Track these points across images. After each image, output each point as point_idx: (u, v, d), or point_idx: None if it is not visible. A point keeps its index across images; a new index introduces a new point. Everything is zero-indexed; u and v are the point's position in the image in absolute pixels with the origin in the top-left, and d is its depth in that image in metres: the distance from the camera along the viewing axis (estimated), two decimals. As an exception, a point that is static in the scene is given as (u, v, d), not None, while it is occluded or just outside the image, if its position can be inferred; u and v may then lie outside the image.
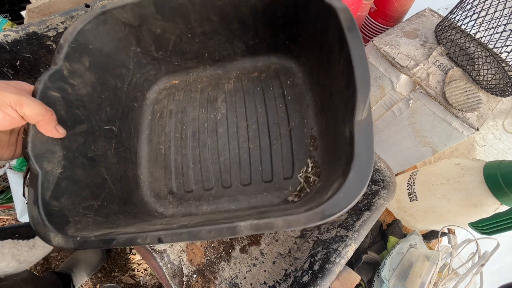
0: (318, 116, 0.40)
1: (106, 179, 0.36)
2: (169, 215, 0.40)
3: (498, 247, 0.42)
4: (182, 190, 0.42)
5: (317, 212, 0.22)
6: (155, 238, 0.24)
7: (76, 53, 0.35)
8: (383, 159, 0.45)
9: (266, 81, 0.45)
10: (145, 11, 0.38)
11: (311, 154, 0.39)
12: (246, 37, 0.43)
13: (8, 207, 0.75)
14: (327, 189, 0.28)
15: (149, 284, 0.94)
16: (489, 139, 0.62)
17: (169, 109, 0.47)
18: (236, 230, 0.23)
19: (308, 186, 0.37)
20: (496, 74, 0.44)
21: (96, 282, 0.93)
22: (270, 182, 0.40)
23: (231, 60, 0.47)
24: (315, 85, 0.41)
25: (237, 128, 0.43)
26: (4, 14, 0.77)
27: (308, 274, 0.41)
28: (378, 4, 0.59)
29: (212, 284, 0.43)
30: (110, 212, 0.34)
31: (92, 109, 0.36)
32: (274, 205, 0.38)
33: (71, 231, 0.28)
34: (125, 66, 0.42)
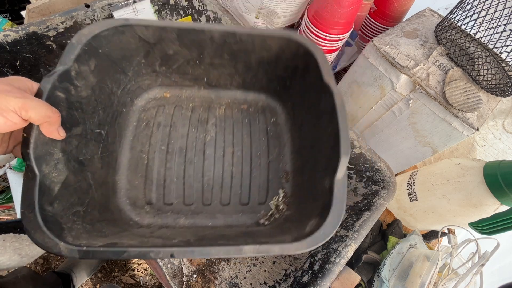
0: (292, 155, 0.47)
1: (91, 185, 0.36)
2: (144, 224, 0.41)
3: (498, 247, 0.42)
4: (162, 202, 0.43)
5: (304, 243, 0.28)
6: (168, 254, 0.27)
7: (86, 55, 0.35)
8: (383, 159, 0.45)
9: (253, 115, 0.51)
10: (166, 35, 0.40)
11: (283, 186, 0.45)
12: (246, 75, 0.48)
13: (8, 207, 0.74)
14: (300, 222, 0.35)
15: (149, 284, 0.94)
16: (489, 139, 0.62)
17: (157, 120, 0.48)
18: (242, 252, 0.28)
19: (278, 213, 0.43)
20: (496, 74, 0.44)
21: (96, 282, 0.93)
22: (246, 205, 0.44)
23: (226, 88, 0.50)
24: (295, 130, 0.48)
25: (224, 152, 0.47)
26: (4, 14, 0.77)
27: (308, 274, 0.41)
28: (378, 4, 0.59)
29: (212, 284, 0.43)
30: (93, 219, 0.34)
31: (88, 112, 0.36)
32: (247, 225, 0.42)
33: (68, 239, 0.28)
34: (125, 72, 0.43)
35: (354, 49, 0.64)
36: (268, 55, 0.44)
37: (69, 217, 0.31)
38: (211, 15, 0.61)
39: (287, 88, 0.49)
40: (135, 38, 0.40)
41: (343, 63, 0.64)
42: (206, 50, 0.43)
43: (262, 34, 0.41)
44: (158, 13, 0.62)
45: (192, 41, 0.41)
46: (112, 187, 0.41)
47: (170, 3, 0.63)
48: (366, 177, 0.47)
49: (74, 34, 0.51)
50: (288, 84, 0.48)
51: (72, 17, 0.51)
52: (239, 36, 0.41)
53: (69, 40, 0.52)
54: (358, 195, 0.47)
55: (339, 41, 0.51)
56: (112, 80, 0.41)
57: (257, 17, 0.58)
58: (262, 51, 0.43)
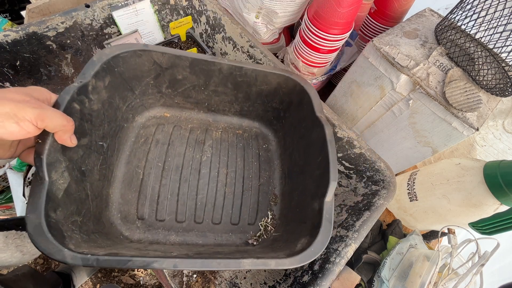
0: (281, 179, 0.51)
1: (88, 195, 0.37)
2: (135, 240, 0.41)
3: (498, 247, 0.42)
4: (154, 218, 0.44)
5: (297, 259, 0.31)
6: (171, 264, 0.28)
7: (104, 72, 0.38)
8: (383, 159, 0.45)
9: (247, 140, 0.55)
10: (179, 62, 0.44)
11: (271, 208, 0.49)
12: (244, 104, 0.53)
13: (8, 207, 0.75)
14: (289, 242, 0.38)
15: (149, 284, 0.94)
16: (489, 139, 0.62)
17: (156, 138, 0.49)
18: (240, 264, 0.30)
19: (265, 234, 0.46)
20: (496, 74, 0.44)
21: (96, 282, 0.93)
22: (236, 224, 0.47)
23: (224, 114, 0.55)
24: (285, 156, 0.53)
25: (218, 173, 0.50)
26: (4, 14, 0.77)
27: (308, 274, 0.41)
28: (378, 4, 0.59)
29: (212, 284, 0.43)
30: (88, 230, 0.34)
31: (96, 124, 0.38)
32: (236, 245, 0.45)
33: (71, 246, 0.28)
34: (132, 90, 0.46)
35: (354, 49, 0.64)
36: (267, 89, 0.49)
37: (68, 225, 0.31)
38: (211, 15, 0.61)
39: (281, 118, 0.54)
40: (150, 61, 0.43)
41: (343, 63, 0.64)
42: (213, 79, 0.47)
43: (264, 70, 0.46)
44: (158, 13, 0.62)
45: (202, 70, 0.45)
46: (105, 200, 0.42)
47: (170, 3, 0.63)
48: (366, 177, 0.47)
49: (74, 34, 0.52)
50: (282, 115, 0.53)
51: (72, 17, 0.51)
52: (244, 70, 0.46)
53: (69, 40, 0.53)
54: (358, 195, 0.47)
55: (339, 41, 0.51)
56: (120, 97, 0.44)
57: (257, 17, 0.58)
58: (263, 85, 0.48)
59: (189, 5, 0.64)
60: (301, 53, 0.56)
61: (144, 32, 0.58)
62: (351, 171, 0.49)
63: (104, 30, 0.56)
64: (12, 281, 0.57)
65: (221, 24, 0.60)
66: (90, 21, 0.53)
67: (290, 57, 0.60)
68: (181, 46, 0.62)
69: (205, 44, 0.65)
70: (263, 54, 0.54)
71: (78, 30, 0.53)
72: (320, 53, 0.53)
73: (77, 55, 0.55)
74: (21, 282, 0.59)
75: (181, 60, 0.43)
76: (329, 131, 0.40)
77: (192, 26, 0.65)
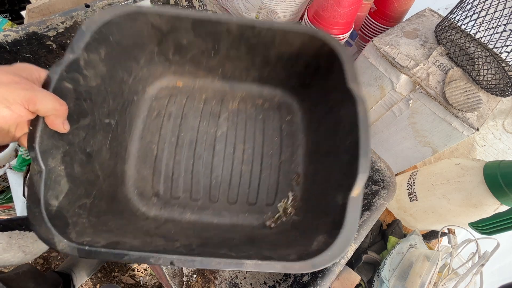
0: (306, 157, 0.45)
1: (98, 176, 0.36)
2: (151, 216, 0.40)
3: (498, 247, 0.42)
4: (169, 195, 0.42)
5: (309, 264, 0.27)
6: (168, 261, 0.27)
7: (96, 43, 0.33)
8: (383, 159, 0.45)
9: (268, 111, 0.48)
10: (180, 25, 0.38)
11: (293, 188, 0.44)
12: (263, 70, 0.45)
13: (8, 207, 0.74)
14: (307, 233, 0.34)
15: (149, 284, 0.94)
16: (489, 139, 0.62)
17: (168, 111, 0.46)
18: (242, 266, 0.27)
19: (285, 216, 0.42)
20: (496, 74, 0.44)
21: (96, 282, 0.93)
22: (253, 205, 0.43)
23: (241, 81, 0.48)
24: (311, 131, 0.45)
25: (234, 149, 0.45)
26: (4, 14, 0.77)
27: (308, 274, 0.41)
28: (378, 4, 0.59)
29: (212, 284, 0.43)
30: (100, 211, 0.34)
31: (98, 102, 0.35)
32: (253, 226, 0.41)
33: (72, 235, 0.28)
34: (137, 60, 0.41)
35: (354, 49, 0.64)
36: (288, 51, 0.41)
37: (75, 210, 0.30)
38: (211, 15, 0.61)
39: (306, 86, 0.46)
40: (148, 26, 0.38)
41: (343, 63, 0.64)
42: (222, 42, 0.41)
43: (283, 29, 0.38)
44: (158, 13, 0.62)
45: (207, 32, 0.39)
46: (120, 177, 0.41)
47: (170, 3, 0.63)
48: (366, 177, 0.46)
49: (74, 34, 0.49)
50: (308, 82, 0.45)
51: (72, 17, 0.51)
52: (258, 30, 0.39)
53: (69, 40, 0.52)
54: (358, 195, 0.47)
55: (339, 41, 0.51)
56: (123, 69, 0.39)
57: (257, 17, 0.58)
58: (282, 46, 0.41)
59: (189, 5, 0.64)
60: (301, 53, 0.56)
61: (144, 32, 0.58)
62: (351, 171, 0.48)
63: (104, 30, 0.56)
64: (12, 279, 0.57)
65: (221, 24, 0.60)
66: (90, 21, 0.53)
67: (290, 57, 0.60)
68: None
69: (205, 44, 0.64)
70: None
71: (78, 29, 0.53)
72: (320, 53, 0.53)
73: (77, 55, 0.55)
74: (22, 280, 0.59)
75: (181, 21, 0.38)
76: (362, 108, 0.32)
77: (192, 26, 0.65)
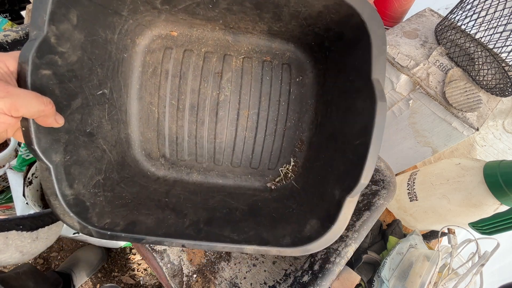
0: (312, 125, 0.43)
1: (105, 150, 0.36)
2: (160, 176, 0.43)
3: (498, 247, 0.42)
4: (175, 157, 0.44)
5: (301, 249, 0.31)
6: (180, 244, 0.31)
7: (62, 8, 0.27)
8: (383, 159, 0.45)
9: (276, 71, 0.43)
10: None
11: (295, 154, 0.44)
12: (273, 24, 0.38)
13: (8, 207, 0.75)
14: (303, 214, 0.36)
15: (149, 284, 0.94)
16: (489, 139, 0.62)
17: (165, 68, 0.41)
18: (243, 250, 0.32)
19: (285, 179, 0.44)
20: (496, 74, 0.44)
21: (96, 282, 0.93)
22: (256, 169, 0.45)
23: (246, 32, 0.41)
24: (322, 99, 0.41)
25: (238, 116, 0.44)
26: (4, 14, 0.77)
27: (308, 274, 0.41)
28: (378, 4, 0.59)
29: (212, 284, 0.43)
30: (113, 184, 0.35)
31: (84, 76, 0.31)
32: (255, 188, 0.44)
33: (94, 219, 0.30)
34: (118, 13, 0.34)
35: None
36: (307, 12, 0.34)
37: (90, 191, 0.32)
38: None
39: (325, 49, 0.39)
40: None
41: (343, 63, 0.64)
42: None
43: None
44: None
45: None
46: (126, 142, 0.41)
47: None
48: (366, 177, 0.46)
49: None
50: (328, 46, 0.38)
51: (72, 17, 0.51)
52: None
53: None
54: (358, 195, 0.47)
55: (339, 41, 0.51)
56: (105, 27, 0.33)
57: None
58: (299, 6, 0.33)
59: None
60: (301, 53, 0.55)
61: (144, 32, 0.58)
62: (351, 171, 0.48)
63: (104, 30, 0.56)
64: (12, 278, 0.57)
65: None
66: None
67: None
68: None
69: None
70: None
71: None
72: (320, 53, 0.53)
73: (77, 55, 0.55)
74: (21, 280, 0.59)
75: None
76: (381, 110, 0.28)
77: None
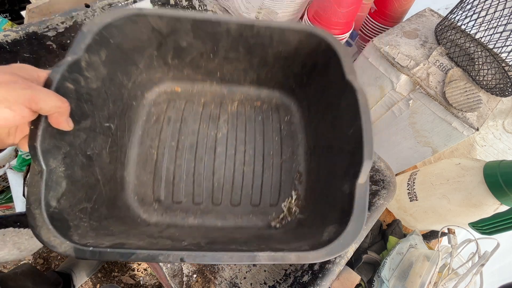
0: (306, 156, 0.46)
1: (99, 180, 0.35)
2: (152, 222, 0.40)
3: (498, 247, 0.42)
4: (170, 200, 0.42)
5: (322, 252, 0.27)
6: (178, 257, 0.26)
7: (97, 45, 0.34)
8: (383, 159, 0.45)
9: (267, 113, 0.49)
10: (180, 26, 0.39)
11: (296, 187, 0.44)
12: (261, 71, 0.46)
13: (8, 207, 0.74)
14: (315, 227, 0.34)
15: (149, 284, 0.94)
16: (489, 139, 0.62)
17: (167, 115, 0.46)
18: (255, 259, 0.26)
19: (290, 215, 0.42)
20: (496, 74, 0.44)
21: (96, 282, 0.93)
22: (257, 206, 0.43)
23: (239, 84, 0.48)
24: (310, 129, 0.46)
25: (235, 151, 0.46)
26: (4, 14, 0.77)
27: (308, 274, 0.41)
28: (378, 4, 0.59)
29: (212, 284, 0.43)
30: (101, 216, 0.33)
31: (98, 104, 0.35)
32: (258, 227, 0.42)
33: (75, 237, 0.27)
34: (136, 64, 0.41)
35: (354, 49, 0.64)
36: (286, 50, 0.42)
37: (76, 214, 0.30)
38: (211, 15, 0.61)
39: (303, 85, 0.47)
40: (148, 28, 0.38)
41: (343, 63, 0.64)
42: (221, 43, 0.41)
43: (280, 27, 0.39)
44: (158, 13, 0.62)
45: (207, 33, 0.40)
46: (120, 183, 0.40)
47: (170, 3, 0.63)
48: (366, 177, 0.46)
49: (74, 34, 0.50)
50: (305, 81, 0.46)
51: (72, 17, 0.51)
52: (256, 29, 0.39)
53: (69, 40, 0.52)
54: (358, 195, 0.47)
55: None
56: (123, 72, 0.40)
57: (257, 17, 0.58)
58: (280, 45, 0.41)
59: (189, 5, 0.64)
60: (301, 53, 0.56)
61: (144, 32, 0.58)
62: (351, 171, 0.48)
63: (104, 30, 0.56)
64: (10, 279, 0.57)
65: (221, 24, 0.60)
66: (90, 21, 0.53)
67: (290, 57, 0.60)
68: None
69: (205, 44, 0.64)
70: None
71: (78, 30, 0.53)
72: (320, 53, 0.53)
73: (77, 55, 0.55)
74: (20, 280, 0.59)
75: (181, 23, 0.38)
76: (362, 96, 0.33)
77: (192, 26, 0.65)
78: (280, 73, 0.46)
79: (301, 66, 0.44)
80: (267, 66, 0.45)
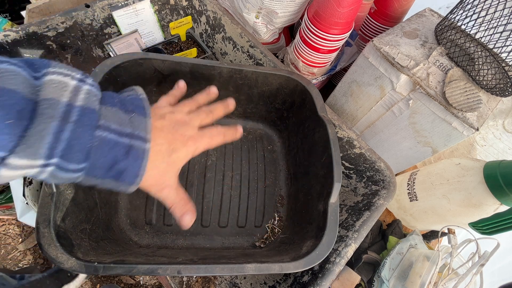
0: (287, 181, 0.52)
1: (97, 203, 0.38)
2: (144, 245, 0.42)
3: (498, 247, 0.42)
4: (161, 223, 0.45)
5: (301, 263, 0.31)
6: (175, 270, 0.29)
7: (106, 83, 0.39)
8: (383, 159, 0.45)
9: (252, 142, 0.55)
10: (180, 69, 0.44)
11: (278, 210, 0.49)
12: (247, 106, 0.53)
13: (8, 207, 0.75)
14: (295, 244, 0.38)
15: (149, 284, 0.94)
16: (489, 139, 0.62)
17: None
18: (244, 269, 0.30)
19: (273, 236, 0.47)
20: (496, 74, 0.44)
21: (96, 282, 0.93)
22: (243, 227, 0.47)
23: (227, 117, 0.53)
24: (290, 157, 0.53)
25: (223, 176, 0.50)
26: (4, 14, 0.77)
27: (308, 274, 0.41)
28: (378, 4, 0.59)
29: (212, 284, 0.43)
30: (98, 237, 0.36)
31: None
32: (244, 248, 0.45)
33: (79, 254, 0.29)
34: None
35: (354, 49, 0.64)
36: (269, 90, 0.49)
37: (77, 233, 0.32)
38: (211, 15, 0.61)
39: (284, 119, 0.53)
40: (151, 69, 0.43)
41: (343, 63, 0.64)
42: (214, 83, 0.46)
43: (264, 72, 0.46)
44: (158, 13, 0.62)
45: (202, 75, 0.45)
46: (114, 207, 0.43)
47: (170, 3, 0.63)
48: (366, 177, 0.47)
49: (74, 34, 0.52)
50: (285, 116, 0.53)
51: (72, 17, 0.51)
52: (244, 73, 0.45)
53: (69, 40, 0.52)
54: (358, 195, 0.47)
55: (339, 41, 0.51)
56: None
57: (257, 17, 0.58)
58: (264, 86, 0.48)
59: (189, 5, 0.64)
60: (301, 53, 0.56)
61: (144, 32, 0.58)
62: (351, 171, 0.49)
63: (104, 30, 0.56)
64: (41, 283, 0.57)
65: (221, 24, 0.60)
66: (90, 21, 0.53)
67: (290, 57, 0.60)
68: (181, 46, 0.62)
69: (205, 44, 0.65)
70: (263, 54, 0.54)
71: (78, 30, 0.53)
72: (320, 53, 0.53)
73: (77, 55, 0.55)
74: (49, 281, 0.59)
75: (181, 66, 0.43)
76: (332, 130, 0.40)
77: (192, 26, 0.65)
78: (263, 108, 0.53)
79: (282, 103, 0.51)
80: (253, 102, 0.52)
